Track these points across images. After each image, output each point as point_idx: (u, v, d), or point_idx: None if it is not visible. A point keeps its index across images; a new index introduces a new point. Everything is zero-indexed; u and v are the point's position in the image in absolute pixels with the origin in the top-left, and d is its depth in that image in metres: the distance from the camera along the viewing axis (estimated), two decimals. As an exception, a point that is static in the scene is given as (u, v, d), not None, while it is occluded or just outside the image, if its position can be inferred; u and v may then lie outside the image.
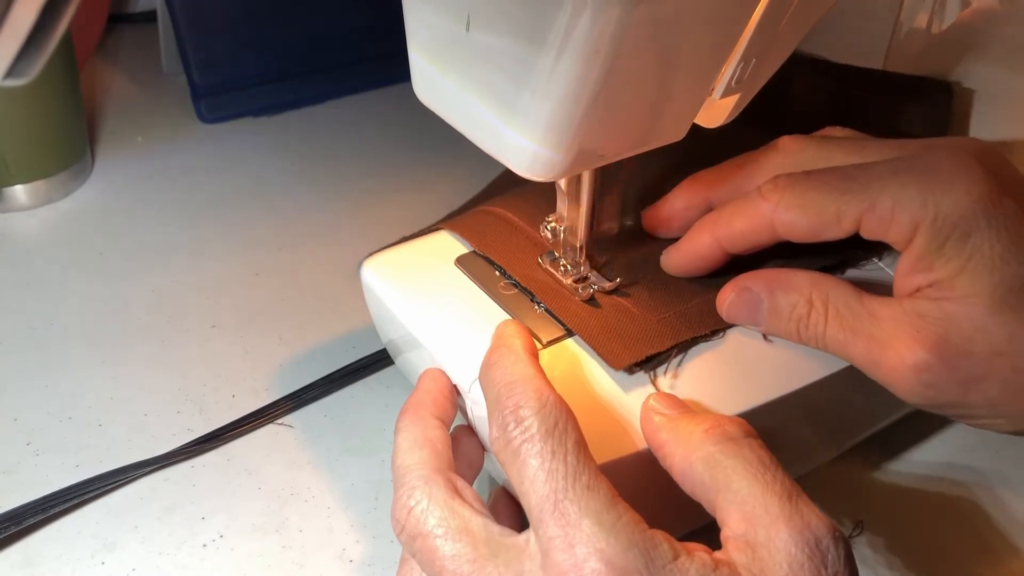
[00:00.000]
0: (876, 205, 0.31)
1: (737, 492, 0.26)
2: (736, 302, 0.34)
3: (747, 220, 0.33)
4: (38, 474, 0.39)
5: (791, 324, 0.32)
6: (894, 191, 0.31)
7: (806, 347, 0.33)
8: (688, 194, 0.37)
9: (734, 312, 0.34)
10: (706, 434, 0.28)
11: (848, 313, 0.31)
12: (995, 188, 0.30)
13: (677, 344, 0.34)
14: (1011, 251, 0.29)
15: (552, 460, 0.26)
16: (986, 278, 0.29)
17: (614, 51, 0.26)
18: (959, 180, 0.30)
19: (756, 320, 0.33)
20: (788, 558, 0.25)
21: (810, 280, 0.32)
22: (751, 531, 0.26)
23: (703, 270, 0.36)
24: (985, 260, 0.29)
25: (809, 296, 0.32)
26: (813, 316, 0.32)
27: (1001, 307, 0.29)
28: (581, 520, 0.25)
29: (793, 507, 0.26)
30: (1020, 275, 0.29)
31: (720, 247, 0.35)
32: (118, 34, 0.76)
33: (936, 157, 0.31)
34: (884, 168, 0.32)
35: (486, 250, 0.38)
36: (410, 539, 0.28)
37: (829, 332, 0.32)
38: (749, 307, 0.33)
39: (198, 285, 0.50)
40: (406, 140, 0.64)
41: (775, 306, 0.33)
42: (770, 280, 0.33)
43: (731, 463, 0.27)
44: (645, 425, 0.30)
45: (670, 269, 0.37)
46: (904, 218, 0.30)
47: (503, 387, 0.28)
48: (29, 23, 0.21)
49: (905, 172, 0.31)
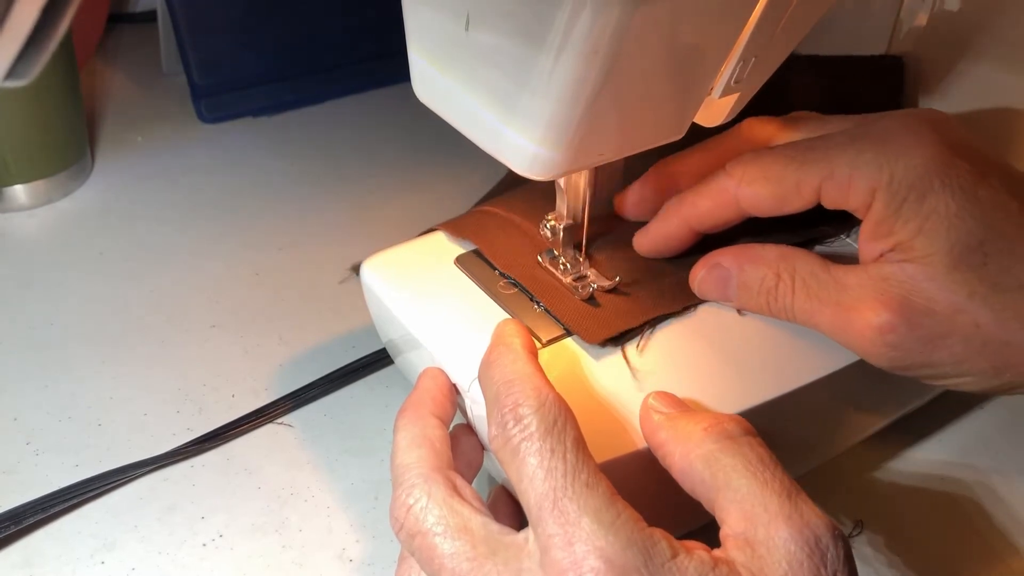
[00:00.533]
0: (834, 173, 0.32)
1: (736, 490, 0.26)
2: (707, 278, 0.35)
3: (712, 198, 0.34)
4: (38, 474, 0.39)
5: (760, 297, 0.33)
6: (851, 158, 0.32)
7: (805, 344, 0.33)
8: (657, 178, 0.38)
9: (706, 287, 0.35)
10: (705, 432, 0.28)
11: (815, 283, 0.32)
12: (947, 150, 0.31)
13: (649, 320, 0.34)
14: (966, 209, 0.30)
15: (551, 458, 0.26)
16: (943, 237, 0.30)
17: (613, 51, 0.26)
18: (912, 144, 0.31)
19: (727, 295, 0.34)
20: (787, 556, 0.25)
21: (778, 253, 0.33)
22: (750, 529, 0.26)
23: (674, 251, 0.37)
24: (941, 219, 0.30)
25: (777, 269, 0.33)
26: (781, 288, 0.33)
27: (959, 264, 0.30)
28: (580, 518, 0.25)
29: (792, 505, 0.26)
30: (976, 232, 0.30)
31: (688, 226, 0.35)
32: (118, 34, 0.76)
33: (890, 124, 0.32)
34: (841, 137, 0.33)
35: (486, 249, 0.38)
36: (409, 537, 0.28)
37: (797, 302, 0.32)
38: (720, 282, 0.34)
39: (198, 285, 0.50)
40: (406, 140, 0.64)
41: (744, 280, 0.34)
42: (739, 255, 0.34)
43: (730, 461, 0.27)
44: (644, 424, 0.30)
45: (642, 251, 0.37)
46: (862, 184, 0.31)
47: (502, 385, 0.28)
48: (29, 24, 0.21)
49: (861, 139, 0.32)
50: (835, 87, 0.50)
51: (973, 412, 0.44)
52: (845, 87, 0.50)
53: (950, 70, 0.49)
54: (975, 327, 0.30)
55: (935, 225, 0.30)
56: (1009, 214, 0.30)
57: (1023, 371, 0.30)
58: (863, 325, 0.31)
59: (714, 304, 0.35)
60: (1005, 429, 0.43)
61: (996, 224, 0.30)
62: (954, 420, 0.43)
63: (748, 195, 0.33)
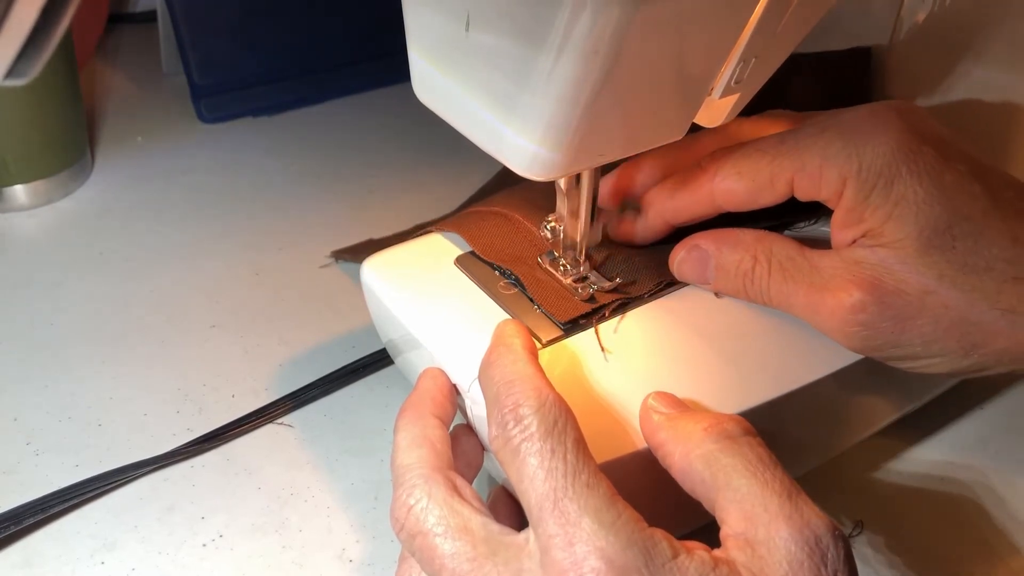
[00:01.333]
0: (806, 165, 0.32)
1: (737, 490, 0.26)
2: (687, 259, 0.35)
3: (688, 193, 0.35)
4: (38, 474, 0.39)
5: (737, 280, 0.34)
6: (820, 148, 0.32)
7: (805, 344, 0.33)
8: (630, 171, 0.38)
9: (685, 269, 0.35)
10: (705, 432, 0.28)
11: (791, 266, 0.33)
12: (914, 137, 0.32)
13: (619, 299, 0.35)
14: (933, 195, 0.31)
15: (551, 458, 0.26)
16: (912, 222, 0.31)
17: (613, 51, 0.26)
18: (879, 132, 0.32)
19: (705, 277, 0.35)
20: (787, 556, 0.25)
21: (755, 237, 0.34)
22: (751, 529, 0.26)
23: (647, 241, 0.38)
24: (910, 205, 0.31)
25: (754, 251, 0.34)
26: (757, 270, 0.33)
27: (928, 248, 0.31)
28: (581, 518, 0.25)
29: (793, 505, 0.26)
30: (943, 217, 0.31)
31: (663, 220, 0.36)
32: (118, 34, 0.76)
33: (858, 114, 0.33)
34: (811, 128, 0.33)
35: (485, 250, 0.38)
36: (410, 537, 0.28)
37: (773, 285, 0.33)
38: (698, 264, 0.35)
39: (198, 285, 0.50)
40: (406, 140, 0.64)
41: (722, 263, 0.34)
42: (718, 238, 0.35)
43: (730, 461, 0.27)
44: (644, 424, 0.30)
45: (617, 238, 0.38)
46: (832, 173, 0.32)
47: (502, 386, 0.28)
48: (30, 23, 0.21)
49: (831, 129, 0.33)
50: (811, 85, 0.51)
51: (973, 412, 0.44)
52: (822, 83, 0.51)
53: (950, 70, 0.49)
54: (944, 308, 0.31)
55: (904, 211, 0.31)
56: (974, 198, 0.31)
57: (990, 351, 0.31)
58: (835, 304, 0.31)
59: (711, 302, 0.36)
60: (1005, 429, 0.43)
61: (962, 208, 0.31)
62: (954, 420, 0.43)
63: (723, 190, 0.34)
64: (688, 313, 0.36)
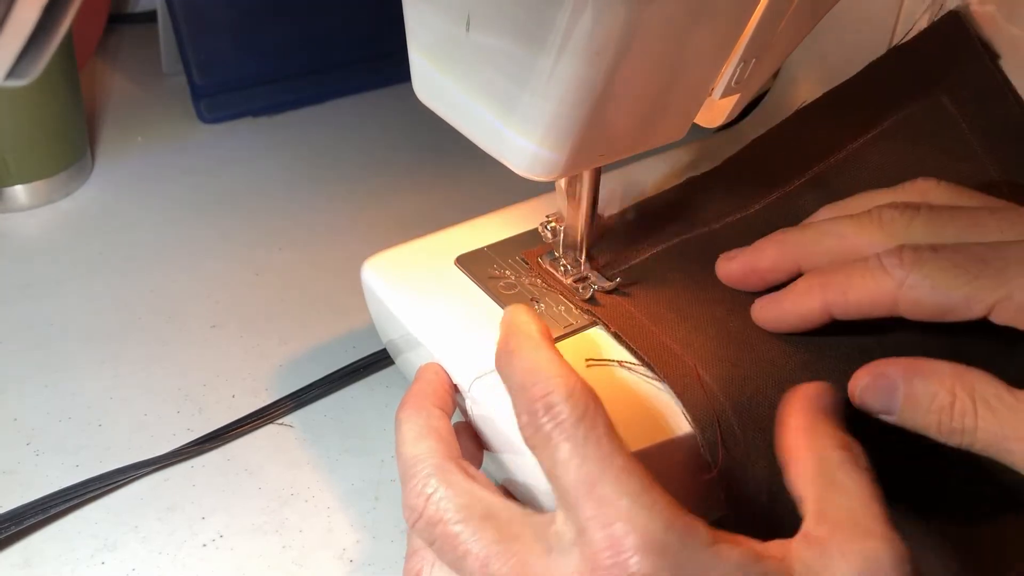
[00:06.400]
0: (1013, 295, 0.29)
1: (841, 493, 0.27)
2: (871, 387, 0.31)
3: (867, 293, 0.31)
4: (38, 474, 0.39)
5: (931, 415, 0.30)
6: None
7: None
8: (776, 255, 0.35)
9: (868, 396, 0.31)
10: (834, 443, 0.28)
11: (1001, 406, 0.29)
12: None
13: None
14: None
15: (585, 445, 0.26)
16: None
17: (614, 51, 0.26)
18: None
19: (890, 407, 0.31)
20: (861, 568, 0.25)
21: (952, 370, 0.30)
22: (833, 534, 0.26)
23: (799, 329, 0.34)
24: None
25: (952, 386, 0.29)
26: (958, 407, 0.29)
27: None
28: (619, 499, 0.25)
29: (886, 527, 0.26)
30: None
31: (829, 313, 0.33)
32: (118, 34, 0.76)
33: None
34: (1018, 251, 0.30)
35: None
36: (429, 526, 0.28)
37: (981, 425, 0.29)
38: (885, 392, 0.31)
39: (198, 285, 0.50)
40: (406, 140, 0.64)
41: (912, 392, 0.30)
42: (908, 367, 0.30)
43: (845, 470, 0.27)
44: (794, 403, 0.30)
45: (763, 323, 0.35)
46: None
47: (526, 375, 0.28)
48: (30, 24, 0.21)
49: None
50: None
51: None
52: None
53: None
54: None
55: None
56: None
57: None
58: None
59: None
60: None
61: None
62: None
63: (910, 300, 0.30)
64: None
